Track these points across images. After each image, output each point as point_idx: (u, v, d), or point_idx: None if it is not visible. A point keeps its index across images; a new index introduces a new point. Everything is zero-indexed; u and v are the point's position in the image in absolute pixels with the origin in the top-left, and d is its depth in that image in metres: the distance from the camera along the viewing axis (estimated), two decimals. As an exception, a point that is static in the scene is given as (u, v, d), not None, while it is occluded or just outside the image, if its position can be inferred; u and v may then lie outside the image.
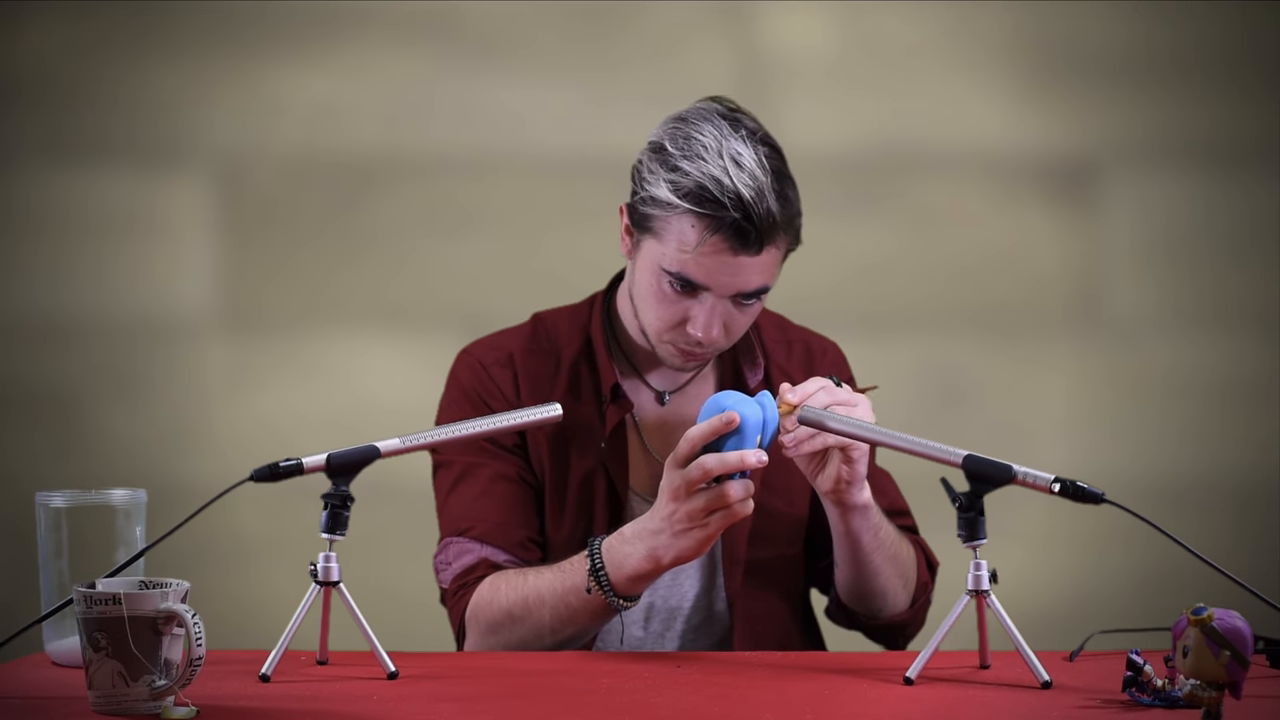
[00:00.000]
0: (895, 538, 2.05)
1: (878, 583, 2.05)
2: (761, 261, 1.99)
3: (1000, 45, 3.15)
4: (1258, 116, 3.11)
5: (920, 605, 2.11)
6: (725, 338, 2.04)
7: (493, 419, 1.86)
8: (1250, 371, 3.13)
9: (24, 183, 3.14)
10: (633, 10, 3.14)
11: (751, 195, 1.96)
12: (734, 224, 1.96)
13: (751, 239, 1.96)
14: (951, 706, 1.61)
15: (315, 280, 3.15)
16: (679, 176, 1.98)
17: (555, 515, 2.10)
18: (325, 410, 3.12)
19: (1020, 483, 1.71)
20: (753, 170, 1.97)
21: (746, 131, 2.00)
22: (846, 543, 2.01)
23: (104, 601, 1.53)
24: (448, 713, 1.58)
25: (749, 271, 1.99)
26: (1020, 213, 3.15)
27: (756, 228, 1.96)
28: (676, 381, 2.15)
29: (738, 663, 1.85)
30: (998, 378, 3.16)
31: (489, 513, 2.08)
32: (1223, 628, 1.37)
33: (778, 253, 2.01)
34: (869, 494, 1.96)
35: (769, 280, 2.02)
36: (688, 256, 1.98)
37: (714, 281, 1.99)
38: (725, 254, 1.97)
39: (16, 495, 2.22)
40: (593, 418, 2.11)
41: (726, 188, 1.96)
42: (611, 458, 2.10)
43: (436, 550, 2.09)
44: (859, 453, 1.91)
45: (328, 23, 3.13)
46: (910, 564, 2.08)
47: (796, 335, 2.22)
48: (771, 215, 1.96)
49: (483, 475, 2.10)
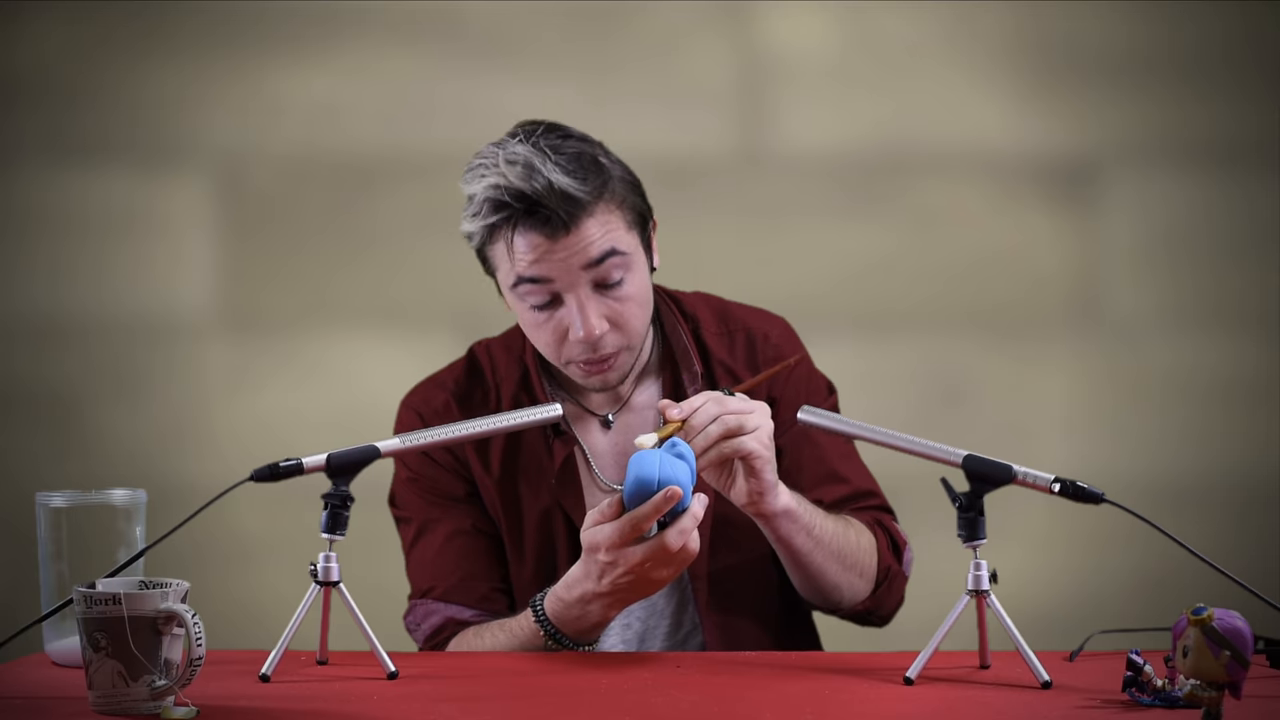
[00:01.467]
0: (838, 531, 2.00)
1: (825, 579, 2.01)
2: (587, 234, 1.95)
3: (1000, 45, 3.15)
4: (1258, 116, 3.11)
5: (883, 591, 2.06)
6: (618, 332, 2.00)
7: (493, 419, 1.85)
8: (1250, 371, 3.13)
9: (24, 183, 3.14)
10: (633, 10, 3.14)
11: (524, 182, 1.93)
12: (527, 213, 1.94)
13: (554, 219, 1.94)
14: (951, 706, 1.61)
15: (315, 280, 3.15)
16: (470, 206, 1.98)
17: (516, 558, 2.09)
18: (325, 410, 3.12)
19: (1020, 483, 1.71)
20: (526, 159, 1.94)
21: (524, 133, 1.97)
22: (781, 548, 1.98)
23: (104, 601, 1.53)
24: (448, 713, 1.58)
25: (579, 247, 1.95)
26: (1020, 213, 3.15)
27: (548, 206, 1.93)
28: (617, 401, 2.12)
29: (738, 663, 1.85)
30: (998, 378, 3.16)
31: (449, 571, 2.06)
32: (1223, 628, 1.37)
33: (608, 217, 1.97)
34: (785, 500, 1.92)
35: (609, 242, 1.97)
36: (521, 265, 1.96)
37: (553, 273, 1.96)
38: (543, 243, 1.95)
39: (16, 495, 2.22)
40: (540, 454, 2.09)
41: (504, 188, 1.94)
42: (564, 493, 2.07)
43: (405, 612, 2.10)
44: (761, 462, 1.87)
45: (328, 23, 3.13)
46: (864, 552, 2.04)
47: (737, 323, 2.15)
48: (555, 188, 1.93)
49: (439, 532, 2.08)
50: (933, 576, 2.21)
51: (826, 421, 1.81)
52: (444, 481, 2.10)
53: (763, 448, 1.86)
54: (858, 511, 2.09)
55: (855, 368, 2.22)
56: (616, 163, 2.01)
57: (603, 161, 1.99)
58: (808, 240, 2.51)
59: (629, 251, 1.99)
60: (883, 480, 2.17)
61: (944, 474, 1.72)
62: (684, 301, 2.16)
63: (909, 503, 2.18)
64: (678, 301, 2.16)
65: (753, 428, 1.85)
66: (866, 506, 2.10)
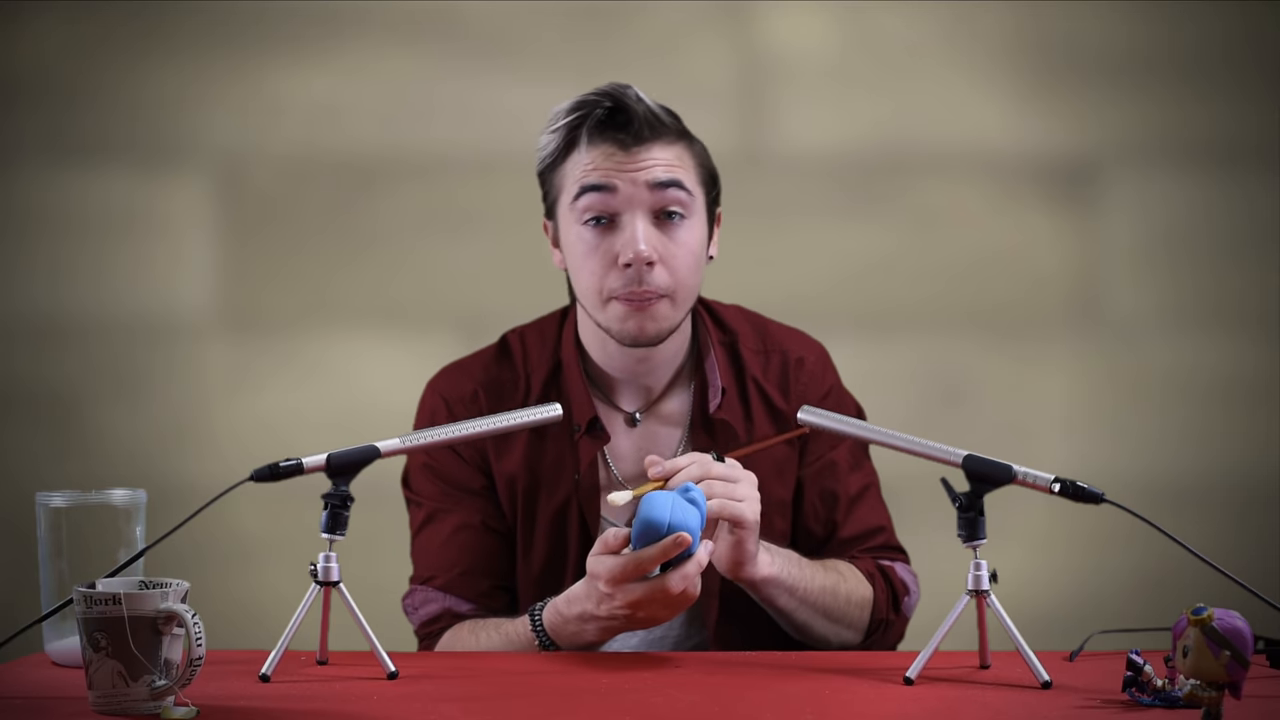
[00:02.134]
0: (826, 587, 1.98)
1: (812, 633, 2.00)
2: (658, 155, 1.98)
3: (1000, 45, 3.15)
4: (1258, 116, 3.11)
5: (876, 639, 2.04)
6: (667, 269, 1.99)
7: (493, 419, 1.85)
8: (1250, 371, 3.13)
9: (24, 183, 3.14)
10: (633, 10, 3.14)
11: (615, 91, 1.98)
12: (606, 112, 1.98)
13: (630, 126, 1.97)
14: (951, 706, 1.61)
15: (315, 280, 3.15)
16: (550, 123, 2.02)
17: (525, 551, 2.08)
18: (325, 410, 3.12)
19: (1020, 483, 1.71)
20: (615, 85, 2.00)
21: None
22: (764, 605, 1.98)
23: (104, 601, 1.53)
24: (448, 713, 1.58)
25: (648, 163, 1.97)
26: (1020, 213, 3.15)
27: (628, 113, 1.97)
28: (647, 399, 2.10)
29: (738, 663, 1.85)
30: (998, 378, 3.16)
31: (453, 563, 2.06)
32: (1223, 628, 1.37)
33: (677, 149, 2.00)
34: (766, 569, 1.91)
35: (677, 174, 1.98)
36: (589, 171, 1.97)
37: (618, 183, 1.97)
38: (615, 153, 1.97)
39: (16, 495, 2.22)
40: (564, 450, 2.08)
41: (586, 99, 1.99)
42: (584, 491, 2.07)
43: (405, 594, 2.10)
44: (745, 531, 1.85)
45: (328, 23, 3.13)
46: (854, 606, 2.02)
47: (775, 343, 2.14)
48: (641, 101, 1.98)
49: (448, 522, 2.08)
50: (933, 576, 2.21)
51: (827, 422, 1.81)
52: (461, 473, 2.10)
53: (748, 517, 1.85)
54: (863, 554, 2.08)
55: (855, 368, 2.22)
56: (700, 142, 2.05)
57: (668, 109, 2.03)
58: (808, 240, 2.50)
59: (694, 195, 2.00)
60: (883, 480, 2.17)
61: (944, 474, 1.72)
62: (722, 314, 2.15)
63: (909, 503, 2.18)
64: (713, 313, 2.15)
65: (739, 498, 1.85)
66: (873, 547, 2.09)
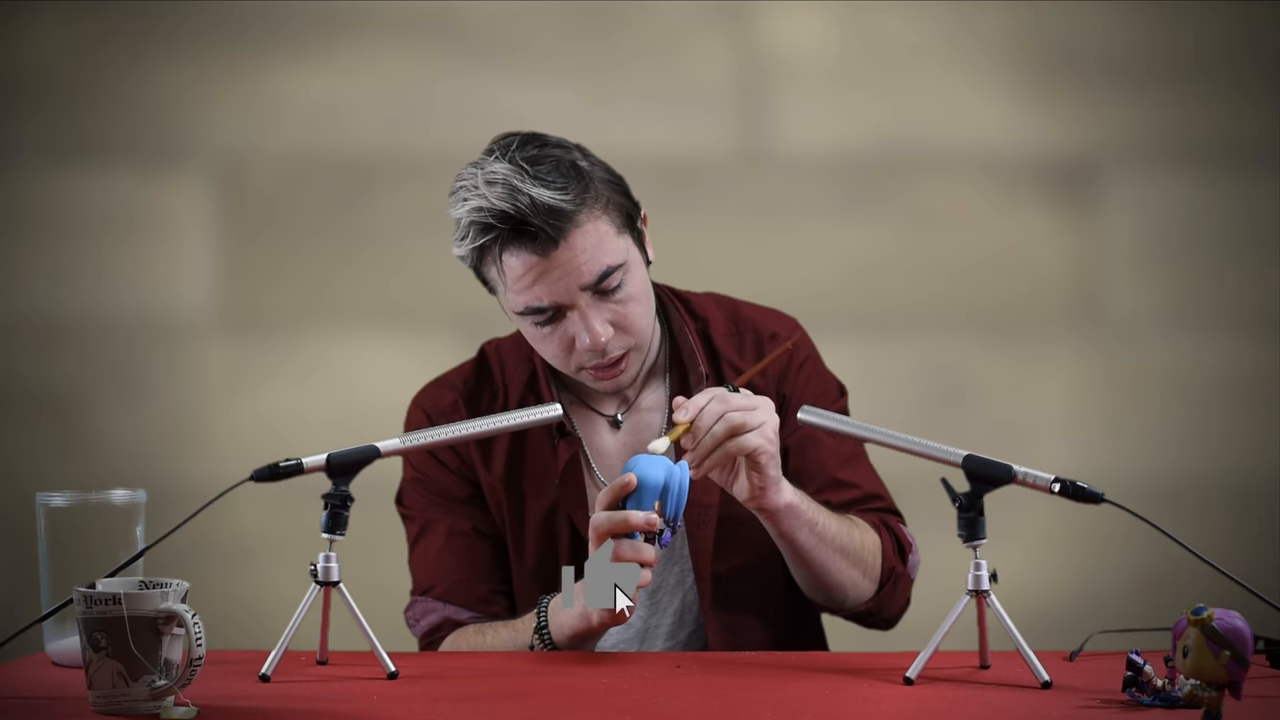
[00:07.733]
0: (841, 529, 2.00)
1: (829, 577, 2.01)
2: (581, 246, 1.94)
3: (1000, 45, 3.15)
4: (1258, 116, 3.11)
5: (886, 591, 2.06)
6: (624, 334, 2.00)
7: (493, 419, 1.85)
8: (1250, 371, 3.13)
9: (24, 183, 3.14)
10: (633, 10, 3.14)
11: (507, 202, 1.91)
12: (514, 233, 1.93)
13: (541, 236, 1.93)
14: (951, 706, 1.61)
15: (315, 280, 3.15)
16: (458, 231, 1.97)
17: (518, 556, 2.10)
18: (325, 410, 3.13)
19: (1020, 483, 1.71)
20: (505, 178, 1.92)
21: (500, 149, 1.96)
22: (784, 544, 1.98)
23: (104, 601, 1.53)
24: (448, 713, 1.58)
25: (575, 263, 1.94)
26: (1020, 213, 3.15)
27: (534, 223, 1.92)
28: (625, 402, 2.12)
29: (738, 663, 1.85)
30: (998, 378, 3.16)
31: (449, 571, 2.08)
32: (1223, 628, 1.37)
33: (599, 225, 1.96)
34: (789, 495, 1.93)
35: (610, 258, 1.96)
36: (519, 288, 1.96)
37: (554, 292, 1.96)
38: (535, 261, 1.94)
39: (16, 495, 2.22)
40: (545, 454, 2.09)
41: (488, 210, 1.93)
42: (567, 494, 2.08)
43: (406, 606, 2.12)
44: (766, 457, 1.87)
45: (328, 23, 3.13)
46: (868, 551, 2.04)
47: (747, 323, 2.15)
48: (538, 203, 1.91)
49: (440, 532, 2.10)
50: (933, 576, 2.21)
51: (826, 421, 1.81)
52: (447, 482, 2.11)
53: (767, 443, 1.87)
54: (864, 513, 2.09)
55: (855, 368, 2.22)
56: (598, 164, 2.00)
57: (582, 166, 1.97)
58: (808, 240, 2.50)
59: (623, 260, 1.98)
60: (883, 480, 2.17)
61: (944, 474, 1.72)
62: (693, 302, 2.16)
63: (909, 503, 2.18)
64: (686, 302, 2.15)
65: (757, 424, 1.86)
66: (873, 509, 2.10)
